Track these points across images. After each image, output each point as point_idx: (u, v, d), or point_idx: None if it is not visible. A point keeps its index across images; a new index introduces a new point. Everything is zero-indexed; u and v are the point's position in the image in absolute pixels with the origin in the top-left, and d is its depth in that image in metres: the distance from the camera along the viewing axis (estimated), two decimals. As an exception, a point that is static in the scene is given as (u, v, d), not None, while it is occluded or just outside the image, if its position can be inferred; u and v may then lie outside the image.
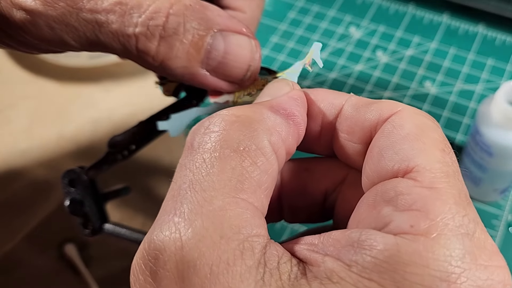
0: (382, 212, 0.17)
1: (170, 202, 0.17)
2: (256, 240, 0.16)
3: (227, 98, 0.28)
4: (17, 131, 0.50)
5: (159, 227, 0.17)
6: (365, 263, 0.15)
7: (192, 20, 0.23)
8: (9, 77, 0.54)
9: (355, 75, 0.51)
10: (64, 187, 0.30)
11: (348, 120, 0.20)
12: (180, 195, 0.17)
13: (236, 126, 0.18)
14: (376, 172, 0.18)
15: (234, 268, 0.15)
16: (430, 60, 0.51)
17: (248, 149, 0.18)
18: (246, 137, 0.18)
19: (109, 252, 0.42)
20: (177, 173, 0.18)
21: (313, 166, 0.23)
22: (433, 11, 0.55)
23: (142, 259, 0.17)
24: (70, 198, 0.29)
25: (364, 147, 0.20)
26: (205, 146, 0.18)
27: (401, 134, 0.18)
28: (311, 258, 0.16)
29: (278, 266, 0.16)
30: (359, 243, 0.16)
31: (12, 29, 0.23)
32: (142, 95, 0.52)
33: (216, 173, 0.17)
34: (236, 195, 0.17)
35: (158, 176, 0.45)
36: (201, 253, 0.15)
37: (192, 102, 0.30)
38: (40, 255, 0.42)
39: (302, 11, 0.57)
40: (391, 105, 0.19)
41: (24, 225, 0.42)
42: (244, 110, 0.19)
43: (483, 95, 0.48)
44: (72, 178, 0.30)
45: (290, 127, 0.20)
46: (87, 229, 0.30)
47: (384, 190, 0.17)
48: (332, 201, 0.23)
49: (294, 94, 0.21)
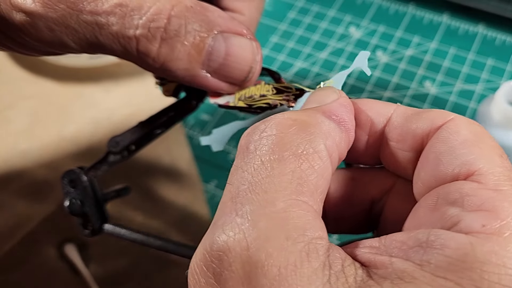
0: (449, 213, 0.17)
1: (230, 203, 0.17)
2: (319, 242, 0.16)
3: (227, 99, 0.28)
4: (17, 131, 0.50)
5: (221, 228, 0.17)
6: (438, 262, 0.15)
7: (194, 22, 0.23)
8: (9, 77, 0.54)
9: (355, 75, 0.51)
10: (64, 187, 0.30)
11: (399, 128, 0.21)
12: (239, 196, 0.17)
13: (294, 130, 0.18)
14: (433, 176, 0.19)
15: (302, 270, 0.15)
16: (430, 60, 0.51)
17: (306, 152, 0.18)
18: (304, 141, 0.18)
19: (109, 252, 0.42)
20: (233, 175, 0.18)
21: (359, 175, 0.23)
22: (433, 11, 0.56)
23: (203, 261, 0.17)
24: (69, 198, 0.29)
25: (414, 154, 0.20)
26: (263, 149, 0.18)
27: (458, 140, 0.19)
28: (375, 261, 0.16)
29: (342, 269, 0.16)
30: (428, 243, 0.16)
31: (12, 31, 0.23)
32: (142, 95, 0.52)
33: (277, 175, 0.17)
34: (297, 198, 0.17)
35: (158, 176, 0.45)
36: (268, 254, 0.15)
37: (192, 103, 0.30)
38: (40, 255, 0.42)
39: (302, 11, 0.57)
40: (442, 113, 0.20)
41: (24, 225, 0.42)
42: (299, 115, 0.19)
43: (483, 95, 0.48)
44: (72, 179, 0.30)
45: (342, 132, 0.20)
46: (87, 229, 0.30)
47: (447, 192, 0.18)
48: (378, 210, 0.23)
49: (344, 101, 0.21)
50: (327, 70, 0.51)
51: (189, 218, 0.43)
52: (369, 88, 0.50)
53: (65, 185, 0.30)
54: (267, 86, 0.27)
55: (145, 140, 0.30)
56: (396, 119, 0.21)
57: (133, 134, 0.30)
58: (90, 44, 0.23)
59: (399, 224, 0.20)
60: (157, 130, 0.30)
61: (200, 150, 0.47)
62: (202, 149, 0.47)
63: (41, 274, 0.41)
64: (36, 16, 0.22)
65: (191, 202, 0.43)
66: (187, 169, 0.45)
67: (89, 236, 0.30)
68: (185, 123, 0.49)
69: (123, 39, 0.22)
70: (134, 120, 0.31)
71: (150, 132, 0.30)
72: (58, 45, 0.23)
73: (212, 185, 0.45)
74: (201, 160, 0.46)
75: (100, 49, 0.23)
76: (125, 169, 0.39)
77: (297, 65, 0.52)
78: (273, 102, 0.27)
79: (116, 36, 0.22)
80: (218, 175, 0.45)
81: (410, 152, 0.20)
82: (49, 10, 0.22)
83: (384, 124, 0.21)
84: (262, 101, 0.27)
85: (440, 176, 0.18)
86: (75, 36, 0.22)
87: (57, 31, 0.22)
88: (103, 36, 0.22)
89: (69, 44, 0.23)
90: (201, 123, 0.49)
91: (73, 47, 0.23)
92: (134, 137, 0.29)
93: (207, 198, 0.44)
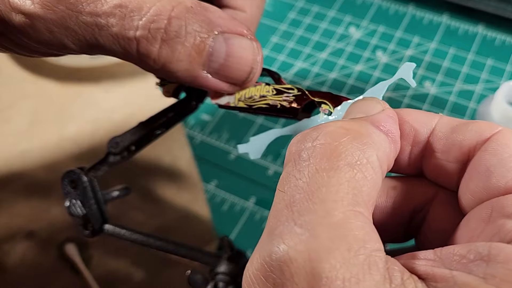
0: (507, 227, 0.17)
1: (285, 212, 0.17)
2: (379, 255, 0.16)
3: (227, 100, 0.28)
4: (17, 131, 0.50)
5: (279, 238, 0.16)
6: (504, 276, 0.15)
7: (194, 23, 0.23)
8: (9, 77, 0.54)
9: (355, 75, 0.51)
10: (64, 188, 0.30)
11: (444, 139, 0.21)
12: (295, 205, 0.17)
13: (347, 139, 0.18)
14: (485, 189, 0.19)
15: (364, 283, 0.15)
16: (430, 60, 0.51)
17: (359, 162, 0.18)
18: (358, 151, 0.18)
19: (109, 252, 0.42)
20: (286, 183, 0.18)
21: (401, 184, 0.23)
22: (433, 12, 0.56)
23: (261, 271, 0.16)
24: (70, 199, 0.29)
25: (459, 166, 0.20)
26: (317, 157, 0.18)
27: (508, 153, 0.19)
28: (434, 274, 0.16)
29: (403, 282, 0.16)
30: (490, 257, 0.16)
31: (11, 33, 0.23)
32: (142, 95, 0.52)
33: (333, 184, 0.17)
34: (354, 208, 0.17)
35: (158, 176, 0.45)
36: (332, 266, 0.15)
37: (192, 103, 0.30)
38: (40, 254, 0.42)
39: (302, 12, 0.57)
40: (490, 125, 0.20)
41: (24, 225, 0.42)
42: (351, 124, 0.19)
43: (483, 95, 0.48)
44: (72, 179, 0.30)
45: (390, 143, 0.20)
46: (87, 229, 0.30)
47: (503, 205, 0.18)
48: (418, 220, 0.23)
49: (390, 112, 0.21)
50: (327, 70, 0.51)
51: (189, 218, 0.43)
52: (369, 88, 0.50)
53: (66, 185, 0.30)
54: (267, 87, 0.27)
55: (145, 141, 0.30)
56: (441, 130, 0.21)
57: (133, 134, 0.30)
58: (90, 45, 0.23)
59: (443, 234, 0.20)
60: (157, 131, 0.30)
61: (200, 150, 0.47)
62: (202, 149, 0.47)
63: (41, 274, 0.41)
64: (35, 18, 0.22)
65: (191, 202, 0.44)
66: (188, 169, 0.45)
67: (89, 237, 0.30)
68: (186, 123, 0.49)
69: (123, 40, 0.22)
70: (134, 120, 0.31)
71: (150, 133, 0.30)
72: (57, 47, 0.23)
73: (212, 185, 0.45)
74: (201, 160, 0.46)
75: (100, 50, 0.23)
76: (126, 169, 0.39)
77: (297, 65, 0.52)
78: (273, 102, 0.27)
79: (116, 38, 0.22)
80: (219, 175, 0.45)
81: (455, 163, 0.21)
82: (48, 11, 0.22)
83: (428, 134, 0.21)
84: (262, 102, 0.27)
85: (492, 189, 0.19)
86: (74, 37, 0.22)
87: (56, 32, 0.22)
88: (103, 38, 0.22)
89: (69, 45, 0.23)
90: (201, 123, 0.49)
91: (72, 48, 0.23)
92: (134, 137, 0.30)
93: (207, 198, 0.44)
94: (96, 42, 0.22)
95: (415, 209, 0.22)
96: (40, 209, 0.44)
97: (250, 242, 0.41)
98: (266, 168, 0.45)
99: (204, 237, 0.41)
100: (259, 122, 0.48)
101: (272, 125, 0.48)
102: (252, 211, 0.43)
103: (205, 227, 0.42)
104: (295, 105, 0.26)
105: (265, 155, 0.46)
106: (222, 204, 0.44)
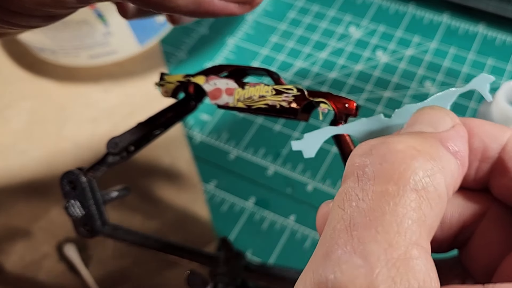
0: None
1: (344, 235, 0.16)
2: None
3: (226, 100, 0.28)
4: (17, 131, 0.50)
5: (337, 264, 0.16)
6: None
7: None
8: (9, 77, 0.54)
9: (355, 75, 0.51)
10: (63, 188, 0.30)
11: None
12: (356, 229, 0.16)
13: (418, 163, 0.17)
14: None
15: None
16: (430, 60, 0.51)
17: (427, 189, 0.17)
18: (426, 176, 0.17)
19: (109, 253, 0.42)
20: (347, 200, 0.17)
21: (455, 195, 0.22)
22: (433, 11, 0.55)
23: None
24: (69, 199, 0.29)
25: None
26: (382, 177, 0.17)
27: None
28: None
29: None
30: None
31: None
32: (141, 95, 0.52)
33: (399, 213, 0.16)
34: (417, 242, 0.16)
35: (157, 176, 0.45)
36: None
37: (191, 103, 0.30)
38: (39, 255, 0.42)
39: (302, 11, 0.56)
40: None
41: (24, 225, 0.42)
42: (422, 144, 0.18)
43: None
44: (71, 180, 0.30)
45: (459, 167, 0.19)
46: (86, 230, 0.30)
47: None
48: (467, 233, 0.22)
49: (461, 130, 0.20)
50: (327, 70, 0.51)
51: (188, 218, 0.43)
52: (369, 88, 0.50)
53: (64, 186, 0.30)
54: (266, 87, 0.27)
55: (144, 141, 0.30)
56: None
57: (132, 135, 0.30)
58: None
59: (490, 250, 0.19)
60: (156, 131, 0.30)
61: (199, 150, 0.47)
62: (201, 149, 0.47)
63: (40, 274, 0.41)
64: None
65: (190, 202, 0.44)
66: (187, 169, 0.45)
67: (88, 237, 0.30)
68: (185, 123, 0.49)
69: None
70: (133, 120, 0.31)
71: (149, 133, 0.30)
72: (54, 1, 0.22)
73: (211, 185, 0.45)
74: (201, 160, 0.46)
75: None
76: (125, 169, 0.39)
77: (297, 65, 0.52)
78: (273, 103, 0.27)
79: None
80: (218, 175, 0.45)
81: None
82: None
83: (499, 150, 0.20)
84: (261, 102, 0.27)
85: None
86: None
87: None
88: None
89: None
90: (201, 123, 0.49)
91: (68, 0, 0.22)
92: (133, 138, 0.29)
93: (206, 198, 0.44)
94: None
95: (465, 223, 0.21)
96: (39, 209, 0.44)
97: (250, 242, 0.41)
98: (265, 168, 0.45)
99: (203, 237, 0.41)
100: (259, 122, 0.48)
101: (272, 125, 0.48)
102: (252, 211, 0.43)
103: (204, 227, 0.42)
104: (294, 105, 0.26)
105: (264, 155, 0.46)
106: (222, 204, 0.43)
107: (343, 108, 0.26)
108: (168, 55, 0.54)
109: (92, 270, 0.40)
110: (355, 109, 0.26)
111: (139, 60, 0.53)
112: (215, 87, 0.28)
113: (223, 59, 0.53)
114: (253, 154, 0.46)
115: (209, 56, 0.54)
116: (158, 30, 0.55)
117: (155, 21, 0.53)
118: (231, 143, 0.47)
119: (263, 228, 0.42)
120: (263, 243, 0.41)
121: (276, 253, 0.41)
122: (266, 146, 0.47)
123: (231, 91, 0.28)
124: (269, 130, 0.48)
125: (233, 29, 0.55)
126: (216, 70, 0.29)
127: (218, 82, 0.28)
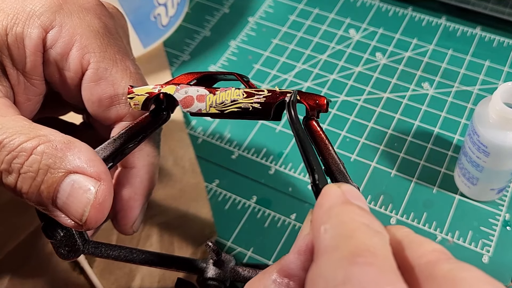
0: None
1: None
2: None
3: (199, 107, 0.28)
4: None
5: None
6: None
7: (49, 159, 0.25)
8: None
9: (355, 76, 0.52)
10: (39, 210, 0.28)
11: None
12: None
13: None
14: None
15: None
16: (428, 61, 0.52)
17: None
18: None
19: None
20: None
21: None
22: (431, 14, 0.56)
23: None
24: (46, 221, 0.28)
25: None
26: None
27: None
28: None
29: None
30: None
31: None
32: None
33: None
34: None
35: (160, 175, 0.46)
36: None
37: (162, 113, 0.30)
38: (43, 253, 0.42)
39: (303, 14, 0.57)
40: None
41: (28, 224, 0.43)
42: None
43: (481, 96, 0.49)
44: None
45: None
46: (66, 251, 0.29)
47: None
48: None
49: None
50: (327, 71, 0.52)
51: (191, 217, 0.43)
52: (368, 89, 0.50)
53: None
54: (238, 91, 0.28)
55: (119, 156, 0.29)
56: None
57: (105, 150, 0.28)
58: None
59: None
60: (130, 144, 0.29)
61: (202, 150, 0.47)
62: (204, 149, 0.48)
63: (44, 274, 0.41)
64: None
65: (193, 201, 0.44)
66: (190, 168, 0.46)
67: (69, 259, 0.29)
68: (188, 124, 0.49)
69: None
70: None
71: (122, 147, 0.29)
72: None
73: (214, 185, 0.45)
74: (204, 160, 0.47)
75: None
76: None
77: (298, 67, 0.53)
78: (245, 105, 0.27)
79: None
80: (220, 175, 0.46)
81: None
82: None
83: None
84: (234, 106, 0.28)
85: None
86: None
87: None
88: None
89: None
90: (203, 123, 0.49)
91: None
92: (105, 153, 0.28)
93: (209, 197, 0.44)
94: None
95: None
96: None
97: (251, 241, 0.42)
98: (267, 167, 0.46)
99: (205, 236, 0.42)
100: (260, 122, 0.49)
101: (274, 124, 0.49)
102: (254, 210, 0.43)
103: (206, 226, 0.43)
104: (266, 106, 0.27)
105: (266, 155, 0.47)
106: (224, 203, 0.44)
107: (314, 104, 0.26)
108: (172, 57, 0.55)
109: (94, 269, 0.41)
110: (325, 105, 0.26)
111: (143, 63, 0.54)
112: (186, 95, 0.28)
113: (226, 61, 0.54)
114: (255, 154, 0.47)
115: (212, 59, 0.54)
116: (162, 34, 0.55)
117: (158, 24, 0.54)
118: (233, 143, 0.48)
119: (265, 226, 0.42)
120: (265, 242, 0.42)
121: (277, 252, 0.41)
122: (268, 146, 0.47)
123: (203, 97, 0.28)
124: (271, 130, 0.48)
125: (235, 31, 0.56)
126: (184, 79, 0.29)
127: (188, 90, 0.28)
